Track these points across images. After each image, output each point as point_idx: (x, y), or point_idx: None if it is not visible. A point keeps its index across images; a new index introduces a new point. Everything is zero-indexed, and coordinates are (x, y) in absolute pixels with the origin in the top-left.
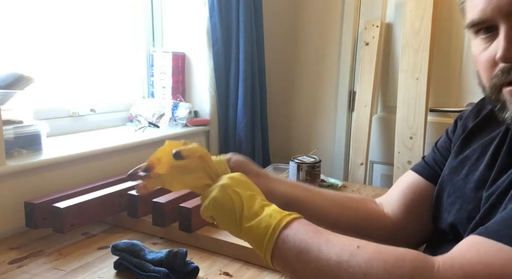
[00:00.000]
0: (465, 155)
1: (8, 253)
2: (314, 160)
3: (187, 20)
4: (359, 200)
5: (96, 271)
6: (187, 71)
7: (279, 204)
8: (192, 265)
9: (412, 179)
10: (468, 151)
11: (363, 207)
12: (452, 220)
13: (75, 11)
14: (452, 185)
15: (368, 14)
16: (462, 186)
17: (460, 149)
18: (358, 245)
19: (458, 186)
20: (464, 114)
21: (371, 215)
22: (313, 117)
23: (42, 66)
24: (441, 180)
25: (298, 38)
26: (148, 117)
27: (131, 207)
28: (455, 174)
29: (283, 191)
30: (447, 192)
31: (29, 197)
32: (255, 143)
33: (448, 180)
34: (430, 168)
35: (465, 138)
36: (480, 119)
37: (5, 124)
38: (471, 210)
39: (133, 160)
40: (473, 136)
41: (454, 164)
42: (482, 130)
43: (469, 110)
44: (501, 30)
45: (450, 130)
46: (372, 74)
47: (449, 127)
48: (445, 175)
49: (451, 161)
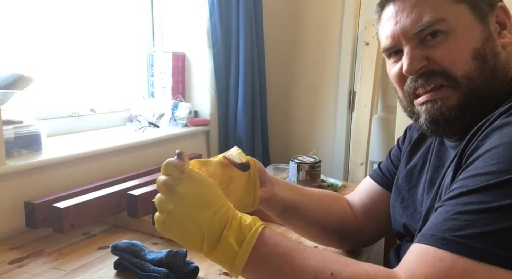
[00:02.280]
0: (412, 164)
1: (8, 253)
2: (314, 160)
3: (187, 20)
4: (334, 198)
5: (96, 271)
6: (187, 71)
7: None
8: (192, 265)
9: (369, 185)
10: (413, 160)
11: (339, 207)
12: (405, 221)
13: (76, 11)
14: (405, 192)
15: (368, 14)
16: (414, 192)
17: (408, 159)
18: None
19: (411, 192)
20: (412, 125)
21: (345, 215)
22: (313, 117)
23: (42, 66)
24: (395, 187)
25: (298, 38)
26: (148, 117)
27: (131, 207)
28: (406, 181)
29: (283, 196)
30: (401, 198)
31: (29, 197)
32: (255, 143)
33: (401, 188)
34: (383, 175)
35: (411, 149)
36: (420, 133)
37: (5, 124)
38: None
39: (133, 160)
40: (417, 147)
41: (404, 173)
42: (423, 141)
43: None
44: (405, 51)
45: (400, 141)
46: (372, 74)
47: (400, 138)
48: (398, 183)
49: (402, 170)
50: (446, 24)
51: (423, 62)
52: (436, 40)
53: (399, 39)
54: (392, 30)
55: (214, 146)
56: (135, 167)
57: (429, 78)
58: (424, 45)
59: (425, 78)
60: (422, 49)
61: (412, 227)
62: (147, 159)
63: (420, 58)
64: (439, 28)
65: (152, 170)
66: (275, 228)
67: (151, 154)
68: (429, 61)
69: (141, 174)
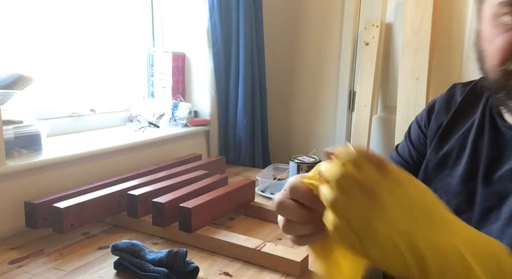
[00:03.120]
0: (445, 151)
1: (8, 253)
2: (314, 160)
3: (187, 20)
4: None
5: (96, 271)
6: (187, 71)
7: None
8: (192, 265)
9: None
10: (447, 147)
11: None
12: None
13: (76, 11)
14: (437, 182)
15: (368, 14)
16: (448, 181)
17: (439, 145)
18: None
19: (444, 182)
20: (435, 105)
21: None
22: (313, 117)
23: (42, 66)
24: (423, 174)
25: (298, 38)
26: (148, 117)
27: (131, 207)
28: (438, 170)
29: None
30: (433, 187)
31: (29, 197)
32: (255, 143)
33: (433, 177)
34: (405, 162)
35: (442, 134)
36: (453, 111)
37: (5, 124)
38: (458, 203)
39: (133, 160)
40: (450, 131)
41: (436, 161)
42: (456, 123)
43: (439, 101)
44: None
45: (422, 124)
46: (372, 74)
47: (419, 119)
48: (429, 171)
49: (432, 157)
50: None
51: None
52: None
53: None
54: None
55: (214, 146)
56: (135, 167)
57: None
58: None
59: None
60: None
61: None
62: (147, 159)
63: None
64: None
65: (152, 169)
66: (275, 228)
67: (151, 154)
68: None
69: (141, 174)
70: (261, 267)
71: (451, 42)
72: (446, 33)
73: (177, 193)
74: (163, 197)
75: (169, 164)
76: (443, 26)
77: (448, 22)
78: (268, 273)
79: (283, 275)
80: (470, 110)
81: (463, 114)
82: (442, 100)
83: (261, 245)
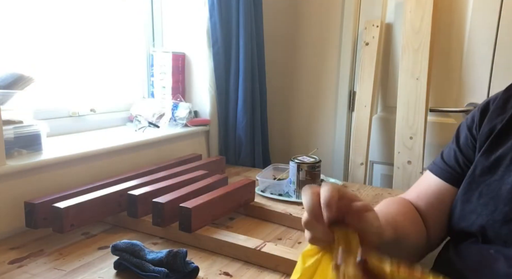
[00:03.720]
0: (499, 154)
1: (8, 253)
2: (314, 160)
3: (187, 20)
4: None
5: (96, 271)
6: (187, 71)
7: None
8: (192, 265)
9: (435, 184)
10: (501, 149)
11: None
12: (484, 223)
13: (75, 11)
14: (485, 186)
15: (368, 14)
16: (498, 187)
17: (492, 148)
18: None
19: (493, 187)
20: (489, 106)
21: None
22: (313, 117)
23: (42, 66)
24: (470, 179)
25: (298, 38)
26: (148, 117)
27: (131, 207)
28: (488, 174)
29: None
30: (478, 192)
31: (29, 197)
32: (255, 143)
33: (480, 181)
34: (451, 168)
35: (497, 137)
36: (508, 119)
37: (5, 124)
38: (508, 212)
39: (133, 160)
40: (506, 133)
41: (487, 164)
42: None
43: (494, 103)
44: None
45: (473, 126)
46: (372, 74)
47: (469, 122)
48: (476, 175)
49: (483, 160)
50: None
51: None
52: None
53: None
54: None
55: (214, 146)
56: (135, 167)
57: None
58: None
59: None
60: None
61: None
62: (147, 159)
63: None
64: None
65: (152, 169)
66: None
67: (151, 154)
68: None
69: (141, 174)
70: (261, 267)
71: (451, 42)
72: (446, 33)
73: (177, 193)
74: (163, 197)
75: (169, 164)
76: (443, 26)
77: (448, 22)
78: (268, 273)
79: (283, 275)
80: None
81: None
82: (498, 100)
83: (261, 245)
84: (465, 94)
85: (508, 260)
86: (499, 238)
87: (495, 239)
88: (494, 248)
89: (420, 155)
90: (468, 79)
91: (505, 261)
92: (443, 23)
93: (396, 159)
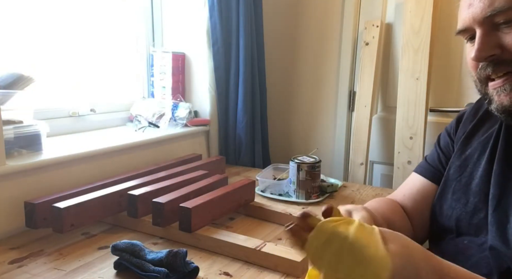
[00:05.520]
0: (468, 153)
1: (8, 253)
2: (314, 160)
3: (187, 20)
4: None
5: (96, 271)
6: (187, 71)
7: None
8: (192, 265)
9: (421, 184)
10: (469, 149)
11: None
12: (458, 215)
13: (75, 11)
14: (457, 183)
15: (368, 14)
16: (468, 182)
17: (463, 148)
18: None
19: (464, 182)
20: (464, 114)
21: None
22: (313, 117)
23: (42, 66)
24: (445, 178)
25: (298, 38)
26: (148, 117)
27: (131, 207)
28: (459, 172)
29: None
30: (452, 189)
31: (29, 197)
32: (255, 143)
33: (453, 179)
34: (434, 168)
35: (466, 138)
36: (478, 118)
37: (5, 124)
38: (477, 203)
39: (133, 160)
40: (473, 135)
41: (458, 163)
42: (480, 129)
43: (468, 111)
44: (476, 35)
45: (451, 131)
46: (372, 74)
47: (448, 127)
48: (450, 173)
49: (455, 160)
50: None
51: (495, 50)
52: (511, 27)
53: (470, 23)
54: (465, 13)
55: (214, 146)
56: (135, 167)
57: (499, 66)
58: (497, 30)
59: (493, 66)
60: (494, 36)
61: (466, 221)
62: (147, 159)
63: (492, 46)
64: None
65: (152, 170)
66: (275, 228)
67: (151, 154)
68: (502, 50)
69: (141, 174)
70: (261, 267)
71: (451, 42)
72: (446, 33)
73: (177, 193)
74: (163, 197)
75: (169, 164)
76: (443, 26)
77: (448, 22)
78: (268, 273)
79: (283, 275)
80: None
81: (487, 121)
82: (471, 109)
83: (261, 245)
84: (465, 94)
85: (479, 247)
86: (471, 229)
87: (467, 230)
88: (467, 239)
89: (420, 155)
90: (468, 79)
91: (477, 248)
92: (443, 23)
93: (396, 159)
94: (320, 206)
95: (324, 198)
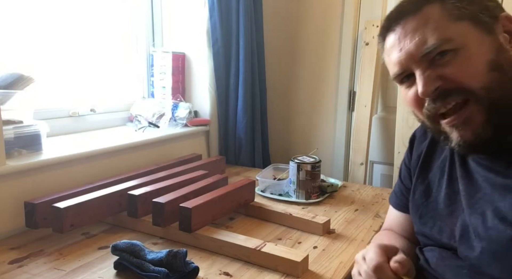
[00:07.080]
0: (429, 179)
1: (8, 253)
2: (314, 160)
3: (187, 20)
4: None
5: (96, 271)
6: (187, 71)
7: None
8: (192, 265)
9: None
10: (430, 174)
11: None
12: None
13: (75, 11)
14: (424, 207)
15: (368, 14)
16: (434, 206)
17: (423, 172)
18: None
19: (430, 207)
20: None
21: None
22: (313, 117)
23: (42, 66)
24: (411, 204)
25: (298, 38)
26: (148, 117)
27: (131, 207)
28: (424, 197)
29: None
30: (419, 214)
31: (29, 197)
32: (255, 143)
33: (419, 204)
34: (401, 200)
35: (423, 162)
36: (428, 143)
37: (5, 124)
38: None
39: (133, 160)
40: (430, 161)
41: (422, 188)
42: (433, 153)
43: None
44: (417, 74)
45: (407, 160)
46: (372, 74)
47: (405, 156)
48: (415, 198)
49: (418, 185)
50: (453, 43)
51: (438, 82)
52: (445, 59)
53: (407, 64)
54: (398, 57)
55: (214, 146)
56: (135, 167)
57: (446, 97)
58: (435, 65)
59: (441, 98)
60: (434, 70)
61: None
62: (147, 159)
63: (434, 79)
64: (447, 48)
65: (152, 170)
66: (275, 228)
67: (151, 154)
68: (443, 80)
69: (141, 174)
70: (261, 267)
71: None
72: None
73: (177, 193)
74: (163, 197)
75: (169, 164)
76: None
77: None
78: (268, 273)
79: (283, 275)
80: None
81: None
82: (420, 128)
83: (261, 245)
84: None
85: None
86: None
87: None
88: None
89: None
90: None
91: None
92: None
93: (396, 159)
94: (320, 206)
95: (324, 198)
